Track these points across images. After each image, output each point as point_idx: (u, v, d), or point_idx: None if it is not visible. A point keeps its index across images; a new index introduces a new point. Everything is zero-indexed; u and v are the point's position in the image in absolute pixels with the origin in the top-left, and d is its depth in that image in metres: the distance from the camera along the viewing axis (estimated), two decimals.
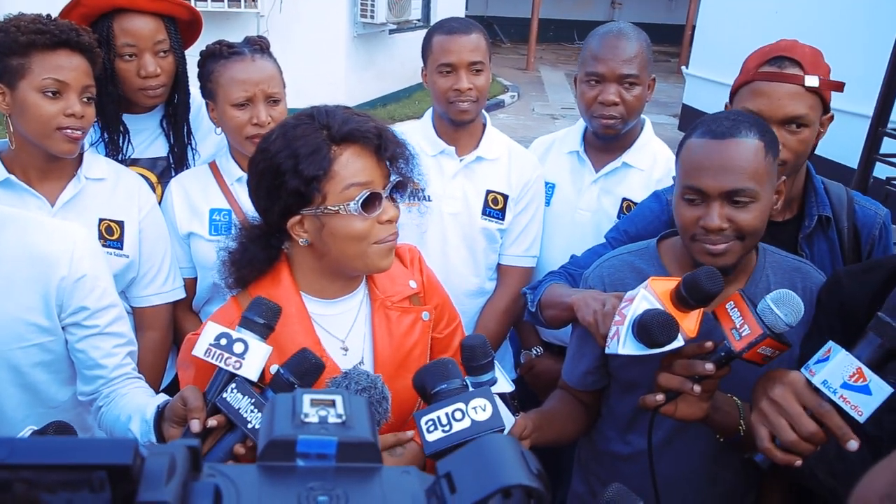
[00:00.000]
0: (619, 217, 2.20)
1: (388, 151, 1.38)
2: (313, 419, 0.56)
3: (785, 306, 1.27)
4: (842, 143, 6.44)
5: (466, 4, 13.20)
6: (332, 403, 0.58)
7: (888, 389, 1.15)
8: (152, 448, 0.50)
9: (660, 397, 1.37)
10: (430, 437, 1.07)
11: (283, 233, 1.42)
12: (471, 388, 1.18)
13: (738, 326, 1.30)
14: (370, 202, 1.36)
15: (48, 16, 1.75)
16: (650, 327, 1.31)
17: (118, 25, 2.01)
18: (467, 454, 0.55)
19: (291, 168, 1.33)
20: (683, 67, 12.01)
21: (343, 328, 1.50)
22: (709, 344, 1.35)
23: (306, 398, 0.58)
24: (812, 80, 1.67)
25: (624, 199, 2.22)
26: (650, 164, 2.22)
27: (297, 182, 1.33)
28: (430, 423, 1.08)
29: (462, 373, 1.19)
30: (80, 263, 1.57)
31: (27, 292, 1.53)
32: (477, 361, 1.24)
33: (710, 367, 1.32)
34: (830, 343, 1.21)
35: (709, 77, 10.33)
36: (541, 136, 2.57)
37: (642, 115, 2.27)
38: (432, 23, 10.99)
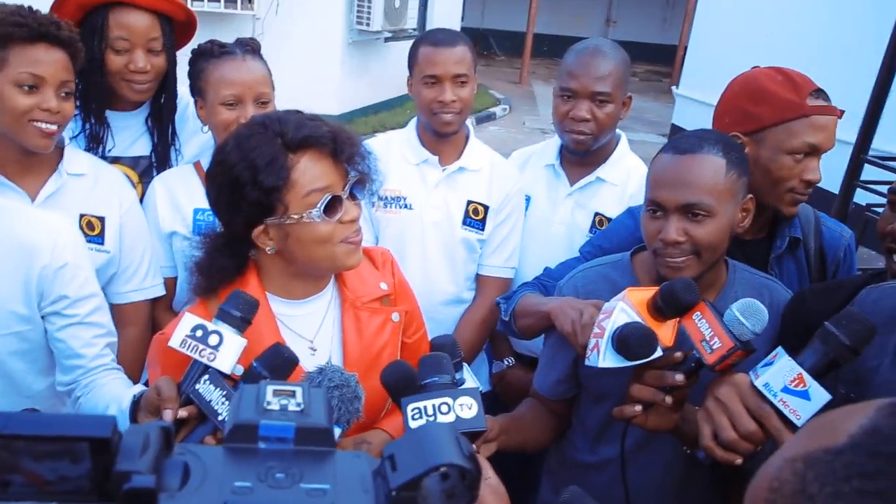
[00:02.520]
0: (591, 231, 2.24)
1: (344, 154, 1.40)
2: (275, 407, 0.62)
3: (751, 316, 1.29)
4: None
5: (462, 16, 13.30)
6: (293, 394, 0.63)
7: (826, 396, 1.19)
8: (129, 427, 0.54)
9: (638, 408, 1.39)
10: (413, 424, 1.10)
11: (248, 241, 1.44)
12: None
13: (707, 338, 1.32)
14: (332, 206, 1.38)
15: (29, 8, 1.73)
16: (630, 341, 1.34)
17: (114, 18, 2.02)
18: (408, 439, 0.61)
19: (250, 180, 1.34)
20: (674, 87, 12.14)
21: (311, 328, 1.52)
22: (678, 354, 1.37)
23: (269, 388, 0.64)
24: (839, 112, 1.73)
25: (596, 214, 2.26)
26: (624, 179, 2.26)
27: (257, 194, 1.34)
28: (416, 411, 1.11)
29: (454, 371, 1.22)
30: (63, 252, 1.59)
31: (7, 281, 1.54)
32: None
33: (680, 377, 1.35)
34: (779, 348, 1.25)
35: (698, 98, 10.45)
36: (531, 146, 2.60)
37: (618, 131, 2.32)
38: None
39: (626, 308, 1.39)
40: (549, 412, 1.79)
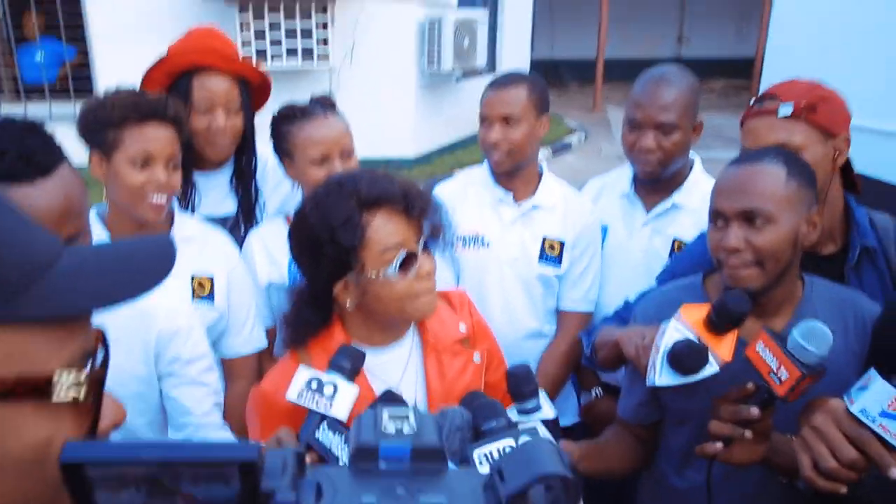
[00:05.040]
0: (670, 256, 2.26)
1: (415, 210, 1.47)
2: (391, 430, 0.70)
3: (814, 339, 1.28)
4: None
5: (532, 49, 13.40)
6: (406, 417, 0.72)
7: None
8: (269, 451, 0.63)
9: (718, 445, 1.39)
10: (482, 470, 1.16)
11: (331, 295, 1.52)
12: (517, 416, 1.27)
13: (775, 370, 1.30)
14: (406, 262, 1.46)
15: (141, 90, 1.92)
16: (680, 356, 1.38)
17: (197, 82, 2.21)
18: (514, 454, 0.68)
19: (328, 238, 1.43)
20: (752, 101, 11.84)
21: (395, 374, 1.59)
22: (750, 385, 1.37)
23: (385, 413, 0.72)
24: (786, 109, 1.75)
25: (675, 240, 2.27)
26: (700, 204, 2.21)
27: (334, 251, 1.43)
28: (483, 456, 1.17)
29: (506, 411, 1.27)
30: (176, 317, 1.73)
31: (129, 343, 1.68)
32: (521, 389, 1.32)
33: (754, 411, 1.34)
34: (871, 370, 1.22)
35: None
36: (603, 175, 2.63)
37: (691, 155, 2.33)
38: (498, 69, 11.20)
39: (677, 326, 1.43)
40: (635, 438, 1.81)
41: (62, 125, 1.77)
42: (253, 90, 2.35)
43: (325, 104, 2.20)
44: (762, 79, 11.68)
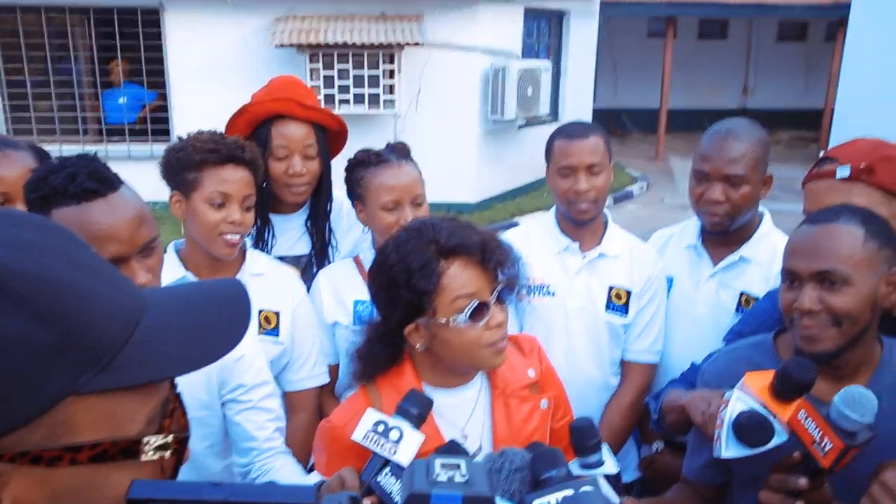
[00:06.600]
0: (737, 311, 2.21)
1: (491, 261, 1.50)
2: (443, 478, 0.70)
3: (857, 405, 1.22)
4: None
5: (594, 97, 13.44)
6: (458, 466, 0.72)
7: None
8: (326, 497, 0.65)
9: None
10: None
11: (402, 335, 1.55)
12: (579, 469, 1.26)
13: (818, 440, 1.26)
14: (478, 312, 1.48)
15: (220, 134, 2.01)
16: (744, 429, 1.34)
17: (276, 130, 2.31)
18: None
19: (405, 281, 1.46)
20: (822, 153, 11.60)
21: (462, 416, 1.60)
22: (796, 455, 1.32)
23: (437, 462, 0.73)
24: (843, 172, 1.74)
25: (742, 293, 2.23)
26: (769, 258, 2.22)
27: (410, 295, 1.47)
28: None
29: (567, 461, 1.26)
30: (240, 346, 1.78)
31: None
32: (585, 443, 1.31)
33: (802, 481, 1.30)
34: None
35: None
36: (670, 226, 2.62)
37: (761, 209, 2.30)
38: (560, 117, 11.27)
39: (742, 396, 1.39)
40: (700, 498, 1.76)
41: (140, 164, 1.87)
42: (331, 136, 2.43)
43: (399, 152, 2.24)
44: (832, 132, 11.49)
